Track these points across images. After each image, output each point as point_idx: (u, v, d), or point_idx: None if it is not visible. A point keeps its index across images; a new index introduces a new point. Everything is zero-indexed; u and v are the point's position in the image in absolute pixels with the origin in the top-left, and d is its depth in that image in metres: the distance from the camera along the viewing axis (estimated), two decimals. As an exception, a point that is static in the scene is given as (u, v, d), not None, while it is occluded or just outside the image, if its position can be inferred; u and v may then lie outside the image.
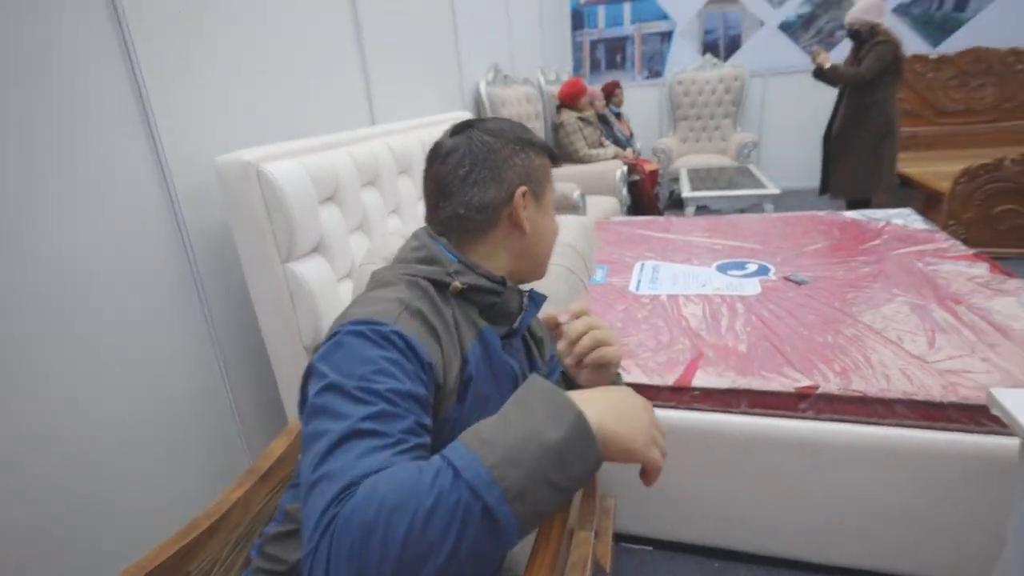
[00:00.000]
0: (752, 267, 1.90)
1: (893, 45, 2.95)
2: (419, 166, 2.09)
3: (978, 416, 1.09)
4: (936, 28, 4.42)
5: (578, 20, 5.19)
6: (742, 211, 3.66)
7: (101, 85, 1.15)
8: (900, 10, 4.44)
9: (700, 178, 3.96)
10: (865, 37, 3.01)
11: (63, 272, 1.06)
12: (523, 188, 0.67)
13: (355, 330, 0.54)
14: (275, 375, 1.51)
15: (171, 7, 1.31)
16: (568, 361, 0.68)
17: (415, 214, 2.02)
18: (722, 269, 1.92)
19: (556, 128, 3.83)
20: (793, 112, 4.85)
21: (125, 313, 1.19)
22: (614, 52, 5.19)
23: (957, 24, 4.37)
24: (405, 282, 0.63)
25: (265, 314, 1.43)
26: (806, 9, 4.65)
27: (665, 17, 4.96)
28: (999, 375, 1.16)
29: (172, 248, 1.31)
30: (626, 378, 1.33)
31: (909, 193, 3.50)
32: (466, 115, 2.74)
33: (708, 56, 4.88)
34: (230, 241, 1.45)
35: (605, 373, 0.69)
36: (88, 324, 1.11)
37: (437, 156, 0.70)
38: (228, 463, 1.47)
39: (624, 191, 3.57)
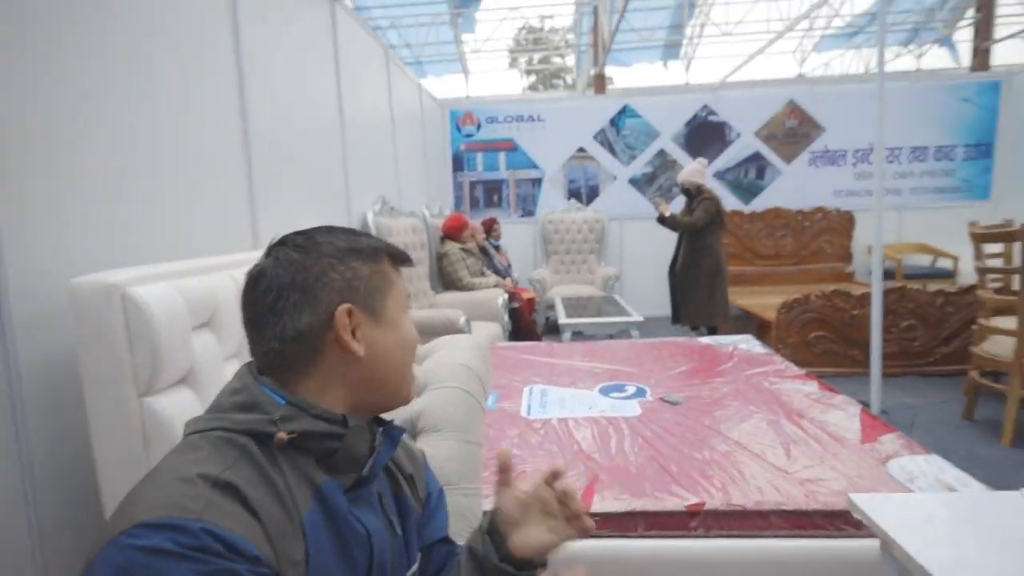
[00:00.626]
0: (631, 389, 2.04)
1: (715, 201, 3.69)
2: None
3: (837, 521, 1.22)
4: (745, 191, 5.52)
5: (459, 163, 5.70)
6: (611, 336, 3.97)
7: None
8: (719, 175, 5.50)
9: (573, 306, 4.28)
10: (693, 194, 3.74)
11: None
12: (346, 306, 0.58)
13: (149, 545, 0.42)
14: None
15: (37, 122, 1.23)
16: (513, 511, 0.62)
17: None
18: (604, 392, 2.03)
19: (440, 257, 3.99)
20: (646, 250, 5.58)
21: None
22: (491, 192, 5.70)
23: (759, 189, 5.50)
24: (215, 442, 0.52)
25: (107, 458, 1.21)
26: (648, 169, 5.58)
27: (535, 167, 5.64)
28: (845, 481, 1.32)
29: (-7, 384, 1.10)
30: (525, 508, 1.29)
31: (746, 321, 4.08)
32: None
33: (573, 201, 5.55)
34: (72, 376, 1.25)
35: (545, 551, 0.63)
36: None
37: (247, 283, 0.61)
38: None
39: (505, 317, 3.73)
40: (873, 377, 2.89)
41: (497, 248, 4.82)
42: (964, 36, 9.16)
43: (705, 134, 5.49)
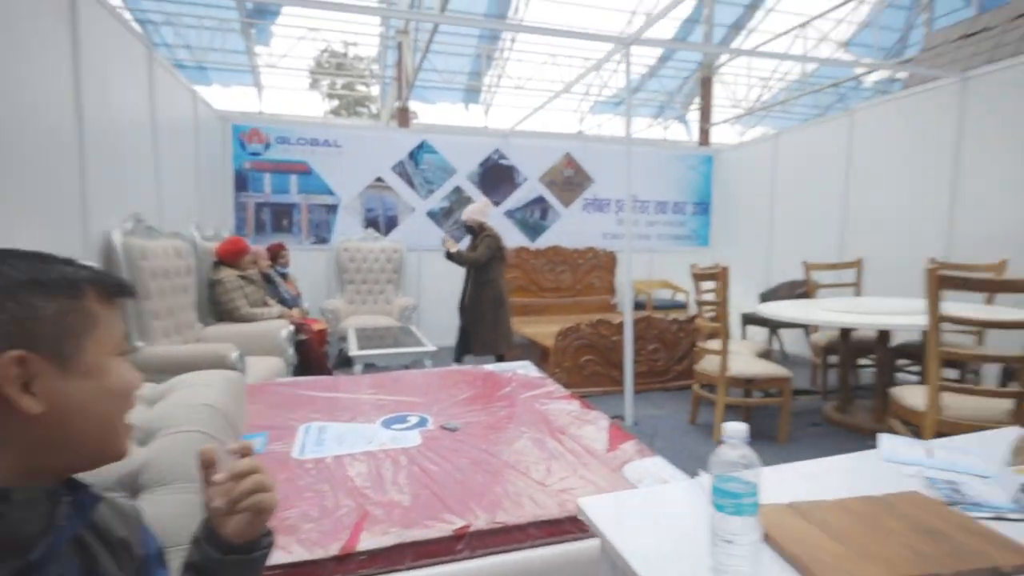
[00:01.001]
0: (413, 419, 2.05)
1: (496, 238, 3.99)
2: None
3: (584, 525, 1.37)
4: (531, 229, 6.08)
5: (242, 182, 5.19)
6: (407, 367, 3.96)
7: None
8: (509, 214, 5.97)
9: (367, 337, 4.17)
10: (476, 231, 4.00)
11: None
12: (12, 354, 0.48)
13: None
14: None
15: None
16: (220, 504, 0.60)
17: None
18: (387, 424, 2.00)
19: (213, 285, 3.55)
20: (444, 281, 5.72)
21: None
22: (280, 216, 5.31)
23: (543, 228, 6.11)
24: None
25: None
26: (446, 204, 5.79)
27: (331, 193, 5.43)
28: (592, 488, 1.50)
29: None
30: (285, 558, 1.19)
31: (532, 348, 4.44)
32: (89, 265, 2.30)
33: (371, 230, 5.46)
34: None
35: (258, 522, 0.63)
36: None
37: None
38: None
39: (291, 350, 3.46)
40: (627, 394, 3.38)
41: (284, 276, 4.47)
42: (695, 116, 11.59)
43: (497, 175, 5.93)
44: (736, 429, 0.69)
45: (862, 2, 9.69)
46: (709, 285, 3.44)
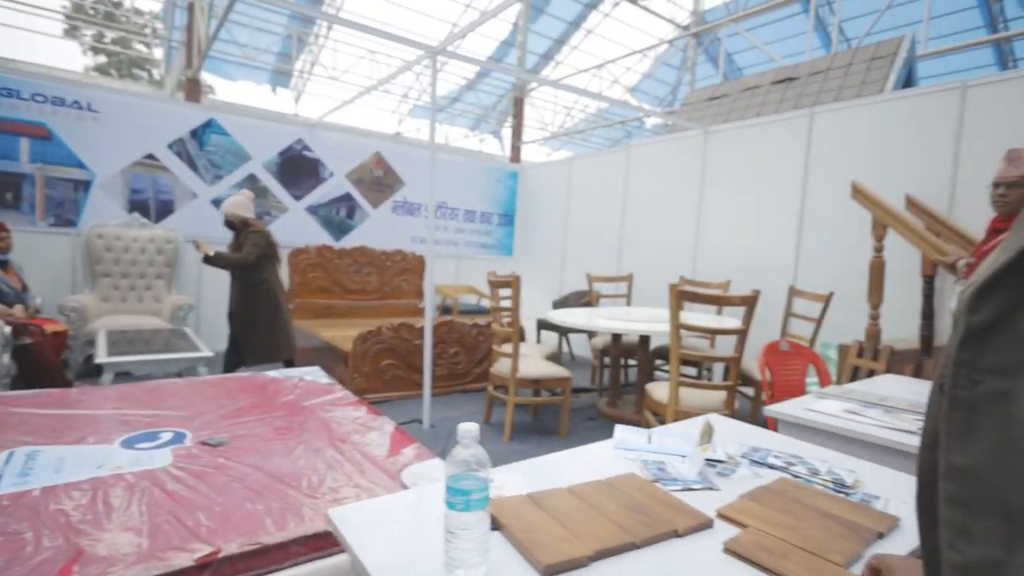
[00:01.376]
0: (167, 436, 1.77)
1: (264, 234, 3.53)
2: None
3: (352, 535, 1.33)
4: (336, 228, 5.78)
5: (-59, 139, 3.98)
6: (179, 375, 3.44)
7: None
8: (312, 210, 5.59)
9: (127, 340, 3.52)
10: (239, 227, 3.53)
11: None
12: None
13: None
14: None
15: None
16: None
17: None
18: (128, 444, 1.70)
19: None
20: (227, 278, 5.13)
21: None
22: (4, 189, 4.20)
23: (350, 227, 5.86)
24: None
25: None
26: (235, 191, 5.18)
27: (82, 166, 4.46)
28: (366, 495, 1.46)
29: None
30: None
31: (331, 352, 4.19)
32: None
33: (136, 215, 4.62)
34: None
35: None
36: None
37: None
38: None
39: (6, 358, 2.75)
40: (425, 397, 3.40)
41: (4, 264, 3.54)
42: (509, 133, 12.29)
43: (299, 167, 5.52)
44: (468, 430, 0.72)
45: (644, 56, 11.36)
46: (506, 292, 3.66)
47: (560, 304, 5.22)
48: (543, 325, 5.38)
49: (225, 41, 10.22)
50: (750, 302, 2.57)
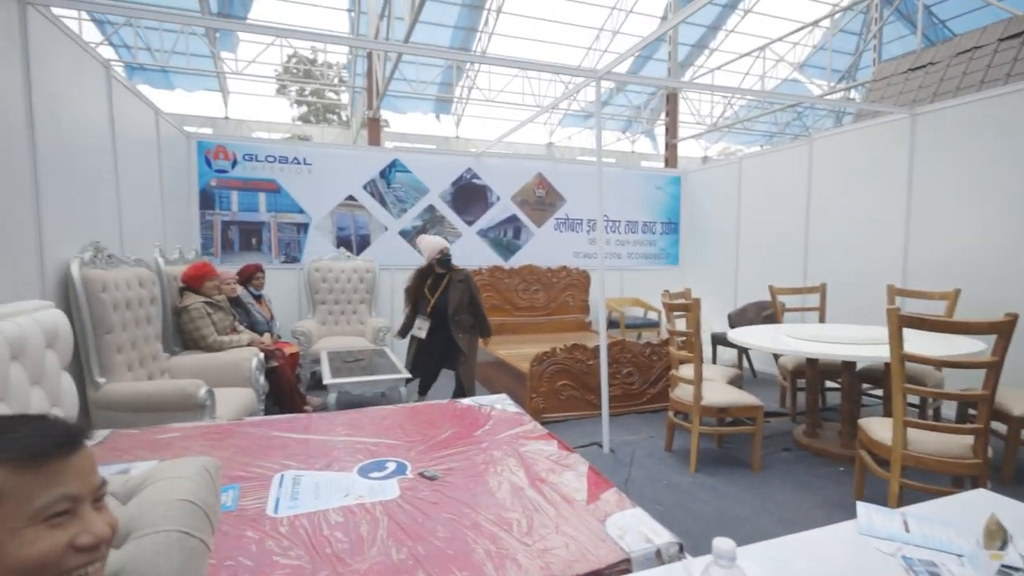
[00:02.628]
0: (391, 466, 2.01)
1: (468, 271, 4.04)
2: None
3: (567, 587, 1.37)
4: (504, 248, 6.08)
5: (208, 200, 5.05)
6: (383, 394, 3.90)
7: None
8: (482, 233, 5.96)
9: (341, 361, 4.09)
10: (447, 265, 3.98)
11: None
12: None
13: None
14: None
15: None
16: None
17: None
18: (363, 472, 1.96)
19: (179, 312, 3.43)
20: (416, 301, 5.70)
21: None
22: (249, 235, 5.17)
23: (516, 247, 6.12)
24: None
25: None
26: (418, 223, 5.74)
27: (301, 211, 5.32)
28: (575, 546, 1.50)
29: None
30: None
31: (507, 370, 4.42)
32: (45, 304, 2.20)
33: (342, 249, 5.37)
34: None
35: None
36: None
37: None
38: None
39: (262, 379, 3.36)
40: (603, 420, 3.40)
41: (259, 298, 4.35)
42: (661, 131, 11.84)
43: (470, 194, 5.92)
44: (724, 549, 0.69)
45: (816, 27, 10.09)
46: (680, 312, 3.50)
47: (737, 318, 4.85)
48: (718, 340, 5.05)
49: (397, 79, 11.34)
50: (1004, 329, 2.12)
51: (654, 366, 4.18)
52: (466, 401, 2.80)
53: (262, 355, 3.45)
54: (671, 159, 10.41)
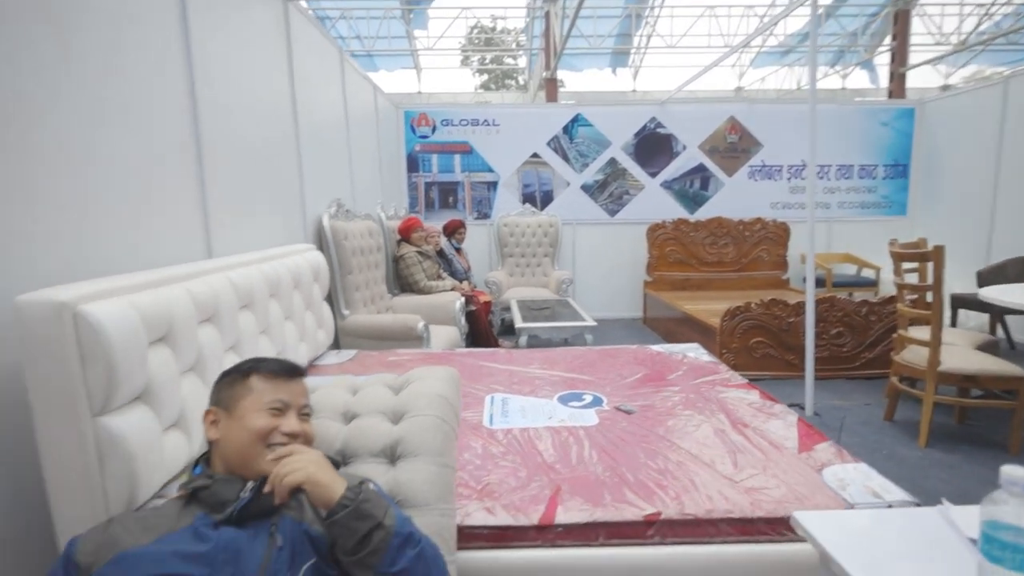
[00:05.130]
0: (588, 398, 2.11)
1: None
2: (262, 300, 1.98)
3: (779, 527, 1.32)
4: (691, 200, 5.76)
5: (413, 164, 5.65)
6: (566, 340, 4.06)
7: None
8: (666, 185, 5.72)
9: (528, 309, 4.35)
10: None
11: None
12: (208, 411, 0.97)
13: None
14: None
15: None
16: (269, 489, 0.84)
17: (256, 349, 1.87)
18: (563, 400, 2.09)
19: (396, 260, 3.95)
20: (597, 254, 5.75)
21: None
22: (447, 194, 5.69)
23: (704, 199, 5.76)
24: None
25: (60, 482, 1.16)
26: (600, 177, 5.72)
27: (491, 170, 5.67)
28: (786, 488, 1.43)
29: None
30: (490, 520, 1.33)
31: (692, 325, 4.27)
32: (310, 247, 2.71)
33: (527, 205, 5.62)
34: (17, 394, 1.18)
35: (314, 497, 0.83)
36: None
37: None
38: None
39: (463, 320, 3.74)
40: (807, 381, 3.10)
41: (459, 251, 4.83)
42: (883, 60, 9.90)
43: (653, 145, 5.69)
44: (1017, 476, 0.61)
45: None
46: (913, 264, 3.00)
47: (992, 276, 3.97)
48: (960, 302, 4.22)
49: (573, 36, 11.19)
50: None
51: (871, 327, 3.66)
52: (656, 347, 2.79)
53: (463, 299, 3.83)
54: (896, 91, 8.67)
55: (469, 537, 1.30)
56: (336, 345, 3.06)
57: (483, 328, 4.12)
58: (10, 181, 1.22)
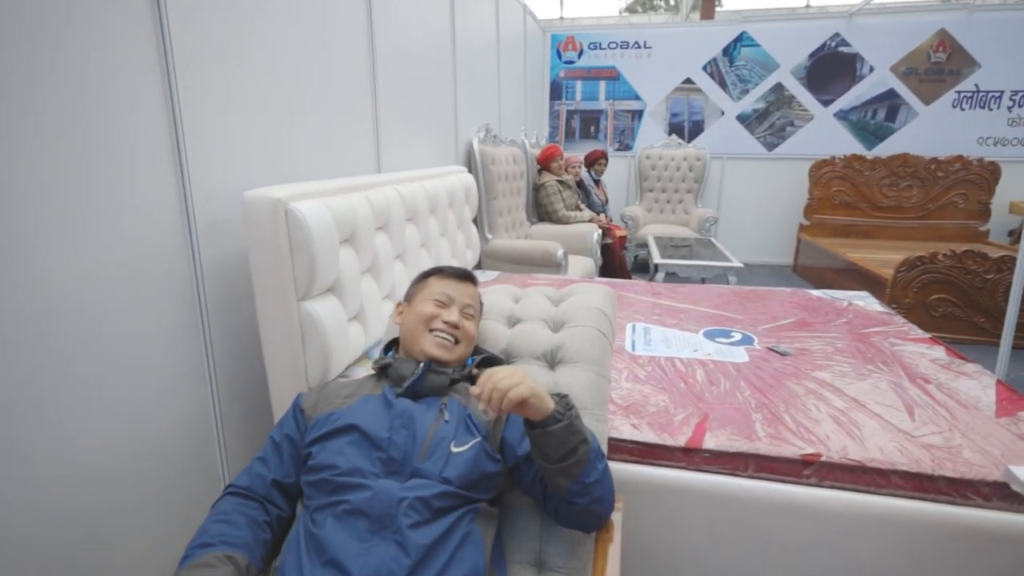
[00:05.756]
0: (737, 336, 2.01)
1: None
2: (423, 214, 2.12)
3: (964, 490, 1.19)
4: (870, 134, 4.99)
5: (556, 91, 5.52)
6: (704, 281, 3.87)
7: (137, 107, 1.13)
8: (841, 115, 4.99)
9: (665, 246, 4.18)
10: None
11: (68, 289, 1.00)
12: (399, 303, 1.16)
13: None
14: (273, 415, 1.44)
15: (213, 41, 1.33)
16: (490, 416, 0.82)
17: (418, 263, 2.03)
18: (709, 336, 2.02)
19: (537, 189, 3.98)
20: (747, 193, 5.28)
21: (122, 338, 1.12)
22: (588, 123, 5.52)
23: (888, 132, 4.95)
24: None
25: (273, 351, 1.38)
26: (760, 105, 5.15)
27: (637, 98, 5.36)
28: (980, 452, 1.27)
29: (182, 278, 1.27)
30: (636, 435, 1.36)
31: (854, 275, 3.82)
32: (461, 169, 2.82)
33: (673, 136, 5.27)
34: (242, 277, 1.41)
35: (531, 408, 0.80)
36: (84, 342, 1.04)
37: None
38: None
39: (598, 253, 3.71)
40: (1003, 348, 2.65)
41: (597, 183, 4.73)
42: None
43: (830, 68, 4.94)
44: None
45: None
46: None
47: None
48: None
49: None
50: None
51: (1103, 293, 2.98)
52: (817, 292, 2.55)
53: (600, 231, 3.78)
54: None
55: (616, 449, 1.34)
56: (478, 267, 3.22)
57: (617, 262, 4.05)
58: (230, 94, 1.39)
